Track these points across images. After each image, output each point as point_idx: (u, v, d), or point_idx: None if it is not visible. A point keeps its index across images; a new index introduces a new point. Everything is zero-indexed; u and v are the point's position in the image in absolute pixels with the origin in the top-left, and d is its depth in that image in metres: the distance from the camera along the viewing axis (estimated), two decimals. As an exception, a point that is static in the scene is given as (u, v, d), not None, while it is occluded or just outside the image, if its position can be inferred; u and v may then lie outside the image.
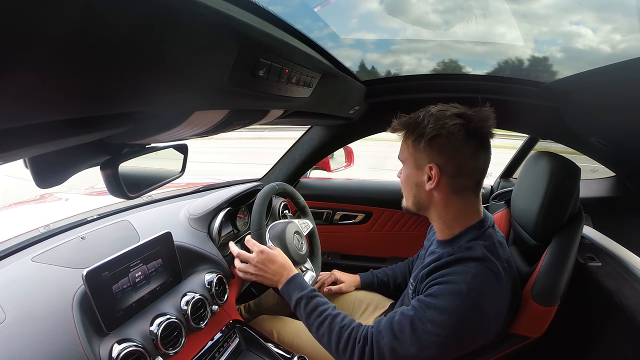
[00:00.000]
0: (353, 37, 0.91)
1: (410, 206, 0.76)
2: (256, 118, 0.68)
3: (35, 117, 0.26)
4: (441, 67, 1.04)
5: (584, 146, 1.04)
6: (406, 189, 0.76)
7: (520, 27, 0.81)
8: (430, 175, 0.69)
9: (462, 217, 0.71)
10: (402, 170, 0.77)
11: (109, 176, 0.48)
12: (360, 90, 1.02)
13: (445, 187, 0.69)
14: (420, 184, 0.71)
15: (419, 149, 0.69)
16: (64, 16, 0.19)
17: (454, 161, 0.67)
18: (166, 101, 0.39)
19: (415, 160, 0.71)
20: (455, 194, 0.70)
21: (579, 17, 0.80)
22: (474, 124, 0.66)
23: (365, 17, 0.89)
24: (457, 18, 0.83)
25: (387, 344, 0.65)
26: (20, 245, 0.75)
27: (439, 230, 0.75)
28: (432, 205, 0.72)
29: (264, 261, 0.81)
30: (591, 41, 0.78)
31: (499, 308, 0.66)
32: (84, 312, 0.60)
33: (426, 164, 0.69)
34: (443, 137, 0.66)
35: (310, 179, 1.61)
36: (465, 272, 0.63)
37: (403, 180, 0.76)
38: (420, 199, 0.73)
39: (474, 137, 0.66)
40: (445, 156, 0.67)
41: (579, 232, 0.80)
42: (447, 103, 0.71)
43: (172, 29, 0.28)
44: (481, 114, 0.66)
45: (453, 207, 0.71)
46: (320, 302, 0.75)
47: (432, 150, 0.68)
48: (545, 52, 0.90)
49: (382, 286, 1.10)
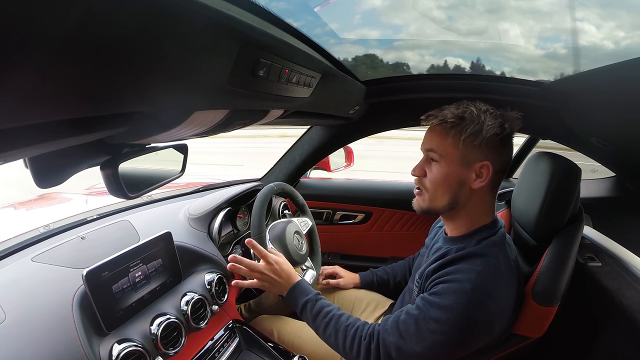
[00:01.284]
0: (356, 34, 0.91)
1: (442, 206, 0.70)
2: (256, 118, 0.68)
3: (35, 117, 0.26)
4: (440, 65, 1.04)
5: (584, 146, 1.04)
6: (442, 187, 0.69)
7: (523, 24, 0.81)
8: (478, 173, 0.67)
9: (482, 216, 0.72)
10: (429, 167, 0.71)
11: (109, 176, 0.48)
12: (360, 90, 1.02)
13: (489, 185, 0.69)
14: (465, 181, 0.68)
15: (472, 146, 0.66)
16: (63, 16, 0.19)
17: (502, 160, 0.68)
18: (166, 101, 0.39)
19: (462, 156, 0.67)
20: (490, 192, 0.71)
21: (583, 13, 0.79)
22: (514, 125, 0.68)
23: (369, 14, 0.88)
24: (460, 14, 0.82)
25: (392, 342, 0.65)
26: (20, 245, 0.75)
27: (454, 228, 0.74)
28: (469, 203, 0.70)
29: (274, 271, 0.81)
30: (594, 37, 0.77)
31: (504, 307, 0.65)
32: (84, 312, 0.60)
33: (478, 161, 0.66)
34: (498, 136, 0.66)
35: (310, 179, 1.61)
36: (471, 270, 0.63)
37: (438, 177, 0.69)
38: (460, 197, 0.69)
39: (510, 137, 0.69)
40: (496, 154, 0.67)
41: (579, 232, 0.80)
42: (447, 103, 0.71)
43: (172, 29, 0.28)
44: (515, 116, 0.68)
45: (483, 205, 0.71)
46: (325, 304, 0.76)
47: (487, 148, 0.66)
48: (548, 49, 0.90)
49: (382, 285, 1.10)
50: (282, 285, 0.80)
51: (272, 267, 0.81)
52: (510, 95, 0.99)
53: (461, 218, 0.73)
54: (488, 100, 0.70)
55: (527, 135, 1.51)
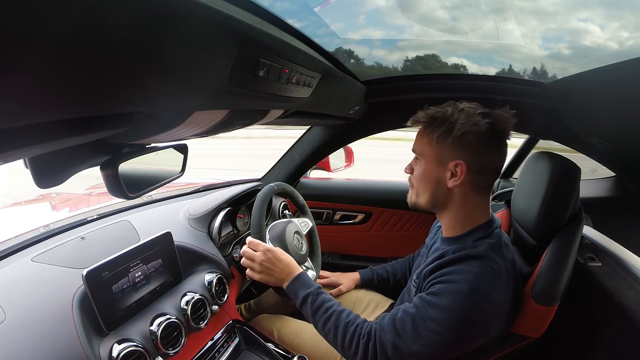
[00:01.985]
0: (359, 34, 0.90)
1: (424, 203, 0.73)
2: (256, 118, 0.68)
3: (35, 117, 0.26)
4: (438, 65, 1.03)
5: (584, 146, 1.04)
6: (422, 184, 0.73)
7: (527, 24, 0.81)
8: (454, 172, 0.68)
9: (474, 216, 0.72)
10: (415, 165, 0.75)
11: (109, 176, 0.48)
12: (360, 90, 1.02)
13: (467, 184, 0.69)
14: (440, 180, 0.69)
15: (444, 145, 0.67)
16: (63, 16, 0.19)
17: (480, 159, 0.67)
18: (166, 101, 0.39)
19: (437, 155, 0.69)
20: (474, 192, 0.70)
21: (587, 14, 0.79)
22: (500, 125, 0.66)
23: (372, 14, 0.88)
24: (464, 15, 0.82)
25: (389, 340, 0.65)
26: (20, 245, 0.75)
27: (448, 228, 0.75)
28: (449, 202, 0.71)
29: (270, 260, 0.81)
30: (598, 38, 0.77)
31: (500, 308, 0.66)
32: (84, 312, 0.60)
33: (451, 160, 0.67)
34: (473, 134, 0.65)
35: (310, 179, 1.61)
36: (468, 271, 0.63)
37: (419, 175, 0.73)
38: (438, 195, 0.71)
39: (498, 137, 0.67)
40: (472, 153, 0.67)
41: (579, 232, 0.80)
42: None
43: (172, 29, 0.28)
44: (504, 115, 0.67)
45: (469, 205, 0.71)
46: (326, 298, 0.76)
47: (460, 146, 0.66)
48: (553, 49, 0.90)
49: (382, 283, 1.10)
50: (281, 276, 0.80)
51: (266, 255, 0.81)
52: (510, 95, 0.99)
53: (449, 216, 0.73)
54: (488, 100, 0.70)
55: (527, 135, 1.51)
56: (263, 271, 0.82)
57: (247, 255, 0.84)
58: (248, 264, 0.84)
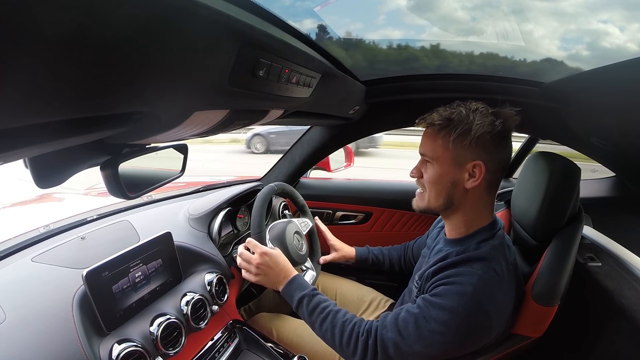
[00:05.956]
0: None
1: (438, 205, 0.72)
2: (256, 118, 0.68)
3: (35, 117, 0.26)
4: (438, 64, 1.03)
5: (584, 146, 1.04)
6: (436, 187, 0.70)
7: (547, 25, 0.80)
8: (472, 173, 0.67)
9: (481, 216, 0.72)
10: (425, 168, 0.73)
11: (109, 176, 0.48)
12: (360, 90, 1.02)
13: (484, 185, 0.68)
14: (458, 182, 0.68)
15: (462, 146, 0.66)
16: (63, 15, 0.19)
17: (497, 158, 0.67)
18: (166, 101, 0.39)
19: (454, 157, 0.67)
20: (487, 192, 0.70)
21: (607, 15, 0.78)
22: (510, 123, 0.67)
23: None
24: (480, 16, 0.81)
25: (390, 338, 0.65)
26: (20, 245, 0.75)
27: (453, 229, 0.75)
28: (463, 203, 0.70)
29: (266, 263, 0.81)
30: (618, 39, 0.76)
31: (502, 309, 0.66)
32: (84, 312, 0.60)
33: (469, 161, 0.67)
34: (489, 134, 0.65)
35: (310, 179, 1.61)
36: (472, 273, 0.64)
37: (433, 178, 0.70)
38: (454, 197, 0.70)
39: (507, 134, 0.68)
40: (489, 154, 0.67)
41: (579, 232, 0.80)
42: (447, 103, 0.71)
43: (172, 29, 0.28)
44: (511, 112, 0.68)
45: (480, 205, 0.71)
46: (322, 299, 0.76)
47: (478, 147, 0.66)
48: (571, 50, 0.89)
49: (376, 264, 1.11)
50: (277, 279, 0.80)
51: (264, 259, 0.81)
52: (511, 95, 0.99)
53: (458, 218, 0.73)
54: (488, 100, 0.70)
55: (527, 135, 1.51)
56: (259, 274, 0.82)
57: (244, 257, 0.84)
58: (244, 266, 0.84)
